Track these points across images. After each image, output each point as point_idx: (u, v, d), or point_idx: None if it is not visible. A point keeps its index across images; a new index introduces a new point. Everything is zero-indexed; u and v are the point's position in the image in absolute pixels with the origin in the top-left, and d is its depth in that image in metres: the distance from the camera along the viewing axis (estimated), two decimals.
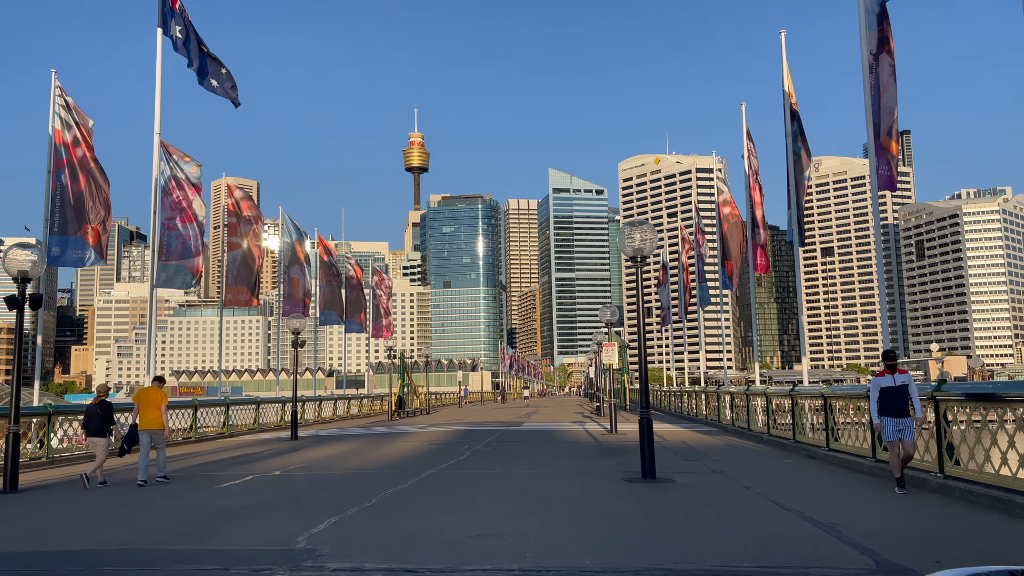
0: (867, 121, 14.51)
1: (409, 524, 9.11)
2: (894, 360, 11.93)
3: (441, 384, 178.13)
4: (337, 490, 12.77)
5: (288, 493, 12.52)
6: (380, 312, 53.14)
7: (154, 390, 14.66)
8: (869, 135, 14.65)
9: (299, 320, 28.42)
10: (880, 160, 14.20)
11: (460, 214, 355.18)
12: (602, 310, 27.15)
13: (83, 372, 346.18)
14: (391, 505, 10.72)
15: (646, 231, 13.76)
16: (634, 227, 13.83)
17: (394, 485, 13.02)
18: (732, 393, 27.60)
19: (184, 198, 24.77)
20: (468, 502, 11.00)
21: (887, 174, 13.94)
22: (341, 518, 9.63)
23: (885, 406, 11.50)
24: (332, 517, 9.68)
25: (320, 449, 22.04)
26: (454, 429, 30.27)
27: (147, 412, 14.24)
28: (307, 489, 13.03)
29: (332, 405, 44.93)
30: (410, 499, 11.35)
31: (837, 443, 16.82)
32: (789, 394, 20.20)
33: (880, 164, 14.31)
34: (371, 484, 13.39)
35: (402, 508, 10.43)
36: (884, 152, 13.90)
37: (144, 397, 14.47)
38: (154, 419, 14.23)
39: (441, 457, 18.54)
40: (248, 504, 11.26)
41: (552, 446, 21.85)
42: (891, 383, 11.63)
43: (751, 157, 25.28)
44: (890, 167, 13.96)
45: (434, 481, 13.66)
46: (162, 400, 14.47)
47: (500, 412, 50.62)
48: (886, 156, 13.92)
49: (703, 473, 14.58)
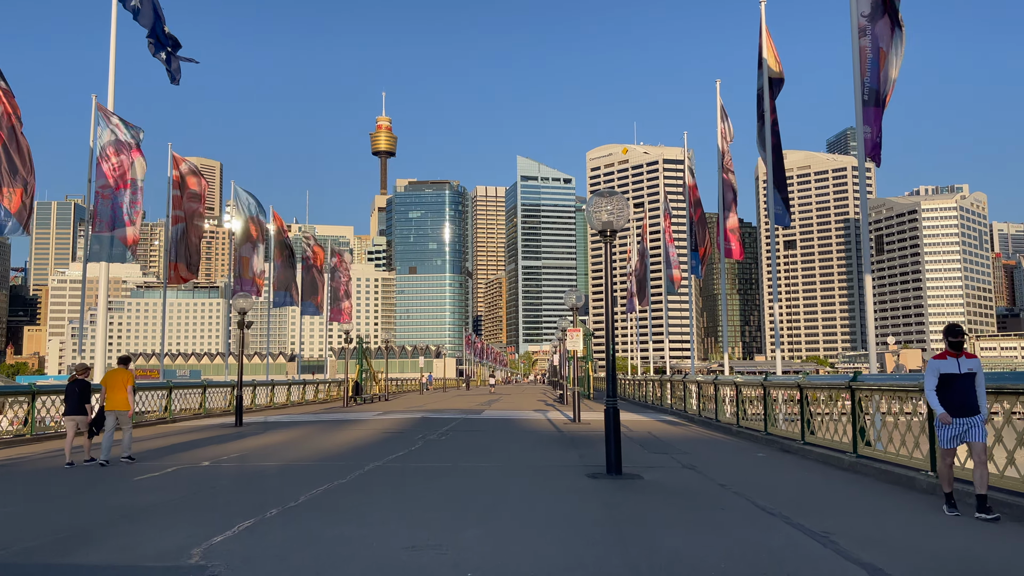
0: (855, 87, 13.40)
1: (334, 531, 7.72)
2: (960, 337, 8.54)
3: (405, 370, 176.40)
4: (264, 486, 11.33)
5: (207, 489, 11.05)
6: (339, 295, 51.35)
7: (121, 371, 14.92)
8: (857, 102, 13.54)
9: (246, 300, 26.73)
10: (875, 128, 13.03)
11: (427, 199, 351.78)
12: (567, 294, 25.91)
13: (36, 353, 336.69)
14: (320, 506, 9.32)
15: (616, 202, 12.47)
16: (603, 198, 12.54)
17: (331, 480, 11.61)
18: (699, 382, 26.60)
19: (120, 164, 22.91)
20: (410, 502, 9.64)
21: (877, 141, 12.79)
22: (256, 522, 8.20)
23: (945, 399, 8.41)
24: (246, 521, 8.25)
25: (262, 437, 20.50)
26: (410, 417, 28.87)
27: (114, 394, 14.57)
28: (231, 484, 11.56)
29: (286, 390, 43.15)
30: (344, 498, 9.95)
31: (813, 436, 15.80)
32: (761, 384, 19.17)
33: (874, 133, 13.16)
34: (305, 479, 11.97)
35: (331, 510, 9.03)
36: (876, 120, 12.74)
37: (111, 379, 14.77)
38: (121, 400, 14.55)
39: (391, 448, 17.15)
40: (156, 502, 9.78)
41: (511, 436, 20.59)
42: (955, 369, 8.40)
43: (724, 137, 24.18)
44: (877, 136, 12.81)
45: (377, 475, 12.27)
46: (128, 381, 14.72)
47: (461, 399, 49.29)
48: (879, 124, 12.77)
49: (673, 468, 13.40)
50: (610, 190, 12.58)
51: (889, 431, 12.44)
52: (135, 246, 22.17)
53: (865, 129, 13.38)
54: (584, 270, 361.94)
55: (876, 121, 13.23)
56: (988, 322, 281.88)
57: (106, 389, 14.76)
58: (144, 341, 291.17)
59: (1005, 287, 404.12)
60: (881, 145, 13.03)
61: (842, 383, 14.14)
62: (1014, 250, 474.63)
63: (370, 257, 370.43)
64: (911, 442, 11.60)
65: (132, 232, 22.18)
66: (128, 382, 14.70)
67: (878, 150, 13.01)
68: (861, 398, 13.45)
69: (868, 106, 13.48)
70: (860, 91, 13.58)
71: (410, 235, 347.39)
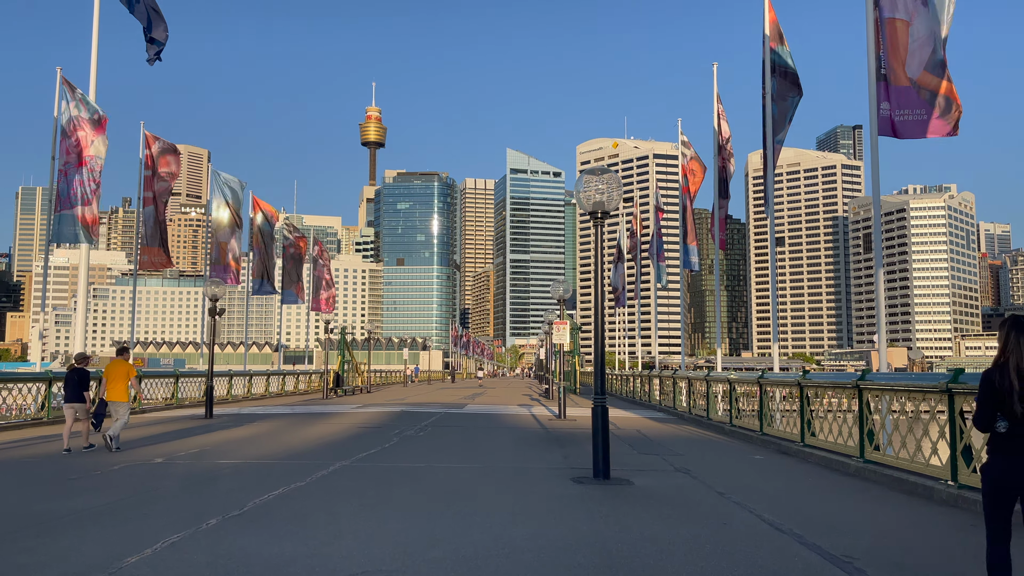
0: (868, 58, 12.32)
1: (272, 550, 6.59)
2: None
3: (392, 362, 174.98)
4: (213, 489, 10.18)
5: (148, 492, 9.88)
6: (321, 284, 50.06)
7: (121, 363, 15.04)
8: (870, 74, 12.46)
9: (217, 286, 25.48)
10: (903, 98, 11.80)
11: (416, 191, 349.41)
12: (554, 285, 24.82)
13: (18, 340, 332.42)
14: (266, 515, 8.18)
15: (608, 181, 11.36)
16: (593, 176, 11.42)
17: (289, 482, 10.48)
18: (690, 378, 25.61)
19: (79, 142, 21.59)
20: (371, 511, 8.52)
21: (923, 119, 11.56)
22: (184, 537, 7.06)
23: None
24: (174, 535, 7.11)
25: (229, 431, 19.32)
26: (389, 411, 27.73)
27: (114, 384, 14.81)
28: (177, 486, 10.40)
29: (265, 380, 41.85)
30: (297, 506, 8.81)
31: (814, 438, 14.79)
32: (757, 381, 18.16)
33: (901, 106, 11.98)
34: (261, 480, 10.83)
35: (279, 521, 7.90)
36: (922, 90, 11.54)
37: (111, 370, 14.97)
38: (120, 391, 14.78)
39: (363, 444, 16.02)
40: (82, 508, 8.61)
41: (493, 433, 19.50)
42: None
43: (721, 121, 23.10)
44: (930, 108, 11.52)
45: (341, 478, 11.15)
46: (129, 372, 14.93)
47: (445, 393, 48.18)
48: (922, 95, 11.52)
49: (665, 472, 12.35)
50: (602, 167, 11.46)
51: (903, 435, 11.43)
52: (95, 227, 20.86)
53: (882, 106, 12.27)
54: (572, 264, 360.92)
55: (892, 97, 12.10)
56: (974, 322, 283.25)
57: (106, 380, 15.02)
58: (128, 329, 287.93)
59: (991, 287, 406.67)
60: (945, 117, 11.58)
61: (848, 382, 13.13)
62: (1000, 250, 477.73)
63: (357, 248, 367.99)
64: (927, 448, 10.59)
65: (90, 212, 20.87)
66: (129, 373, 14.94)
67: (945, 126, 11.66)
68: (870, 398, 12.44)
69: (882, 81, 12.38)
70: (874, 66, 12.51)
71: (398, 226, 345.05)
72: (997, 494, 4.73)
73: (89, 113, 22.69)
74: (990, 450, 4.84)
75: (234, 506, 8.62)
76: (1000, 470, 4.71)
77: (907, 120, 11.71)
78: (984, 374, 4.86)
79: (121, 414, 14.81)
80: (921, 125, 11.67)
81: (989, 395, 4.76)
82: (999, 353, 4.84)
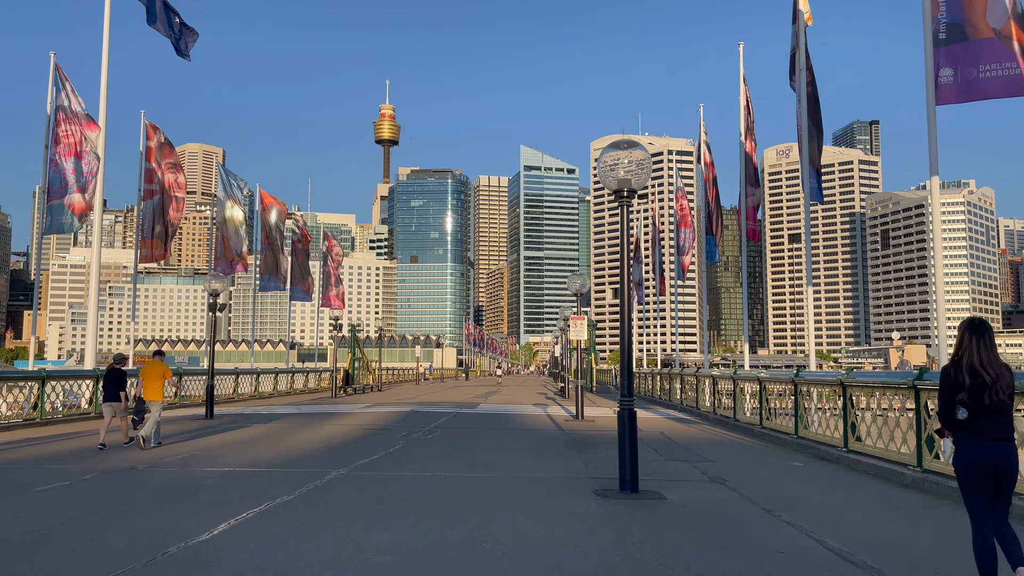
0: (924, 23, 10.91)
1: None
2: None
3: (405, 360, 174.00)
4: (188, 504, 8.97)
5: (110, 509, 8.67)
6: (331, 281, 48.98)
7: (157, 364, 15.64)
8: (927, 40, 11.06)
9: (219, 281, 24.34)
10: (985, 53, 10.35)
11: (429, 188, 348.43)
12: (571, 278, 23.52)
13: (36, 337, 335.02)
14: (235, 544, 6.92)
15: (636, 156, 10.05)
16: (620, 151, 10.11)
17: (275, 496, 9.26)
18: (715, 377, 24.24)
19: (71, 132, 20.52)
20: (361, 540, 7.24)
21: (1012, 73, 10.12)
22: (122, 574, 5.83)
23: None
24: (113, 573, 5.88)
25: (227, 434, 18.17)
26: (398, 410, 26.54)
27: (151, 384, 15.31)
28: (146, 501, 9.20)
29: (273, 379, 40.83)
30: (275, 530, 7.55)
31: (860, 443, 13.42)
32: (792, 380, 16.79)
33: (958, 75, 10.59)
34: (245, 492, 9.62)
35: (246, 551, 6.65)
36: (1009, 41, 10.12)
37: (148, 370, 15.51)
38: (156, 391, 15.29)
39: (366, 448, 14.81)
40: (19, 531, 7.41)
41: (507, 436, 18.25)
42: None
43: (747, 103, 21.69)
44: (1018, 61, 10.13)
45: (335, 490, 9.92)
46: (165, 373, 15.53)
47: (457, 391, 46.98)
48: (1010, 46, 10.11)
49: (699, 482, 11.04)
50: (628, 140, 10.14)
51: None
52: (85, 215, 19.77)
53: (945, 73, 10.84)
54: (587, 262, 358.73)
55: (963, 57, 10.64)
56: (994, 319, 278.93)
57: (143, 380, 15.51)
58: (144, 327, 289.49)
59: (1010, 283, 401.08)
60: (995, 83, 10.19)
61: (903, 382, 11.77)
62: (1020, 246, 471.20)
63: (371, 246, 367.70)
64: None
65: (81, 200, 19.79)
66: (165, 374, 15.51)
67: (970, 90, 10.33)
68: (929, 400, 11.08)
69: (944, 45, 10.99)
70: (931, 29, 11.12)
71: (412, 224, 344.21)
72: (968, 476, 5.18)
73: (82, 105, 21.67)
74: (955, 440, 5.32)
75: (203, 528, 7.39)
76: (965, 452, 5.19)
77: (992, 77, 10.29)
78: (942, 370, 5.38)
79: (154, 413, 15.22)
80: (1011, 81, 10.24)
81: (948, 389, 5.29)
82: (955, 350, 5.32)
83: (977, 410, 5.17)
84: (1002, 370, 5.22)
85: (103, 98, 24.16)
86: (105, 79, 24.23)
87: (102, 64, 24.28)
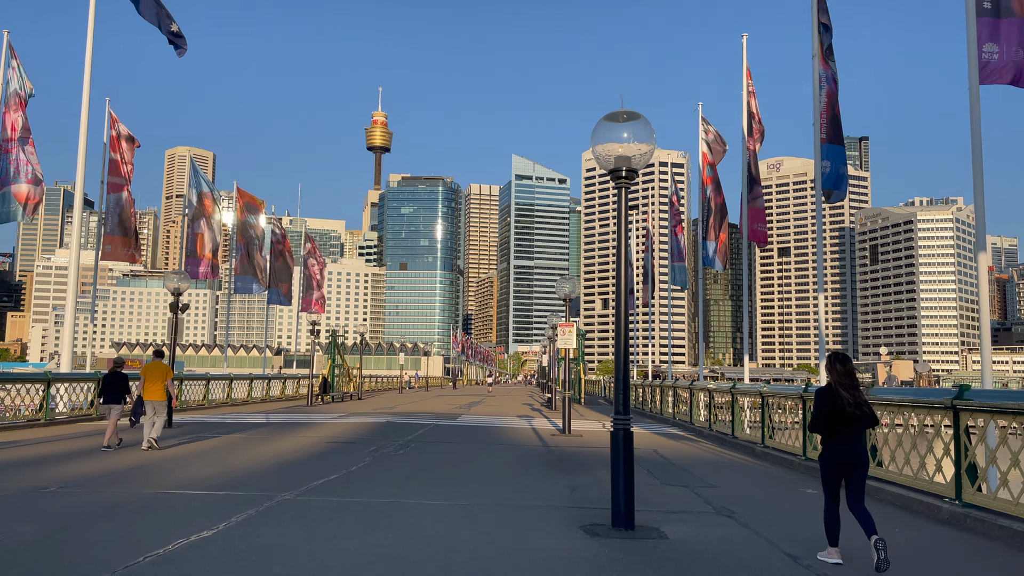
0: None
1: None
2: None
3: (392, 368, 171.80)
4: (76, 542, 7.30)
5: None
6: (312, 284, 47.22)
7: (159, 364, 15.77)
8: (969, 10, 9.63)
9: (181, 278, 22.65)
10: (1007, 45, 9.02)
11: (420, 195, 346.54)
12: (559, 282, 21.98)
13: (18, 340, 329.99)
14: None
15: (635, 129, 8.52)
16: (617, 123, 8.57)
17: (191, 531, 7.61)
18: (711, 390, 22.70)
19: (17, 117, 18.86)
20: None
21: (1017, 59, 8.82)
22: None
23: None
24: None
25: (178, 447, 16.47)
26: (373, 421, 24.86)
27: (152, 385, 15.45)
28: (29, 536, 7.49)
29: (247, 385, 39.01)
30: None
31: (881, 469, 11.90)
32: (800, 395, 15.28)
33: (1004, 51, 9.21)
34: (160, 524, 7.97)
35: None
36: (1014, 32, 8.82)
37: (150, 371, 15.60)
38: (158, 391, 15.45)
39: (325, 466, 13.17)
40: None
41: (487, 451, 16.64)
42: None
43: (751, 98, 20.27)
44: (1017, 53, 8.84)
45: (268, 521, 8.28)
46: (167, 374, 15.67)
47: (440, 401, 45.27)
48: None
49: (703, 514, 9.48)
50: (628, 111, 8.60)
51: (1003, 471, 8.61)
52: (30, 204, 18.09)
53: (989, 49, 9.41)
54: (576, 272, 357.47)
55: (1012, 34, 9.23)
56: None
57: (145, 380, 15.59)
58: (130, 330, 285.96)
59: (997, 301, 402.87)
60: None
61: (939, 401, 10.25)
62: (1007, 264, 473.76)
63: (361, 252, 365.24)
64: None
65: (29, 190, 18.10)
66: (167, 375, 15.64)
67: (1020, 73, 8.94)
68: (971, 422, 9.56)
69: (988, 16, 9.58)
70: None
71: (402, 231, 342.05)
72: (829, 468, 6.90)
73: (30, 89, 20.02)
74: (823, 442, 7.01)
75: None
76: (830, 452, 6.87)
77: None
78: (817, 392, 7.02)
79: (160, 413, 15.51)
80: None
81: (821, 405, 6.88)
82: (828, 376, 6.95)
83: (839, 421, 6.75)
84: (858, 392, 6.77)
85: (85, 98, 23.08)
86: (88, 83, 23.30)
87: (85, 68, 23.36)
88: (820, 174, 15.78)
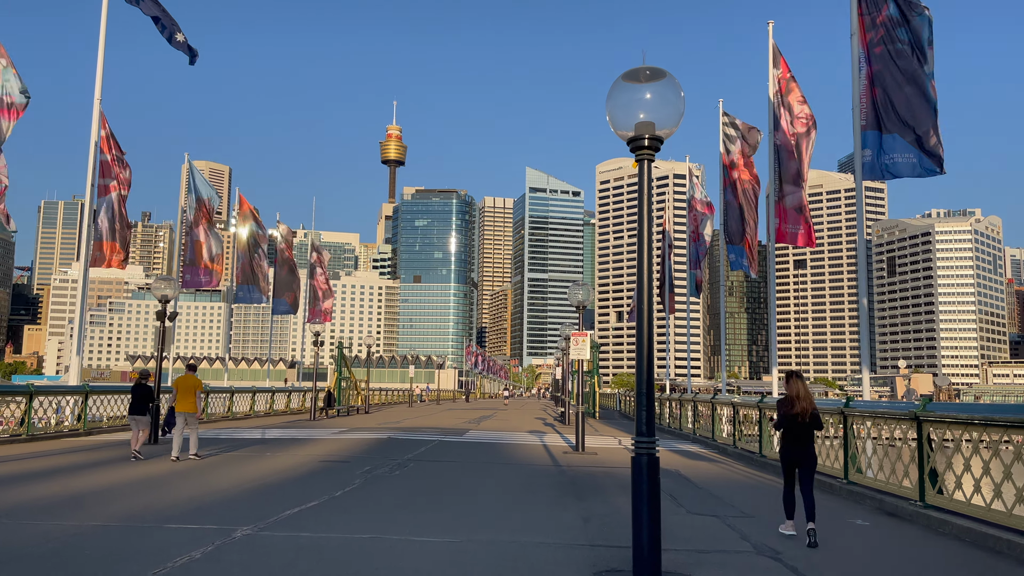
0: None
1: None
2: None
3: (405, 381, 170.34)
4: None
5: None
6: (318, 294, 45.96)
7: (190, 377, 16.00)
8: None
9: (169, 285, 21.34)
10: None
11: (434, 208, 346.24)
12: (572, 288, 20.50)
13: (35, 352, 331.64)
14: None
15: (660, 91, 7.05)
16: (639, 84, 7.10)
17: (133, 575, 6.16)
18: (735, 404, 21.05)
19: None
20: None
21: None
22: None
23: None
24: None
25: (158, 464, 15.06)
26: (374, 437, 23.37)
27: (184, 397, 15.75)
28: None
29: (250, 398, 37.69)
30: None
31: (941, 497, 10.27)
32: (840, 411, 13.66)
33: None
34: (92, 568, 6.53)
35: None
36: None
37: (182, 383, 15.89)
38: (190, 403, 15.71)
39: (307, 491, 11.69)
40: None
41: (492, 473, 15.11)
42: None
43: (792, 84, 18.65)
44: None
45: (220, 567, 6.80)
46: (197, 386, 15.89)
47: (449, 415, 43.74)
48: None
49: (740, 554, 7.92)
50: (653, 69, 7.12)
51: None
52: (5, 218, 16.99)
53: None
54: (591, 285, 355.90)
55: None
56: (1001, 348, 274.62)
57: (177, 392, 15.93)
58: (145, 344, 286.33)
59: (1017, 313, 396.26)
60: None
61: (1016, 418, 8.65)
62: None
63: (375, 265, 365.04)
64: None
65: None
66: (197, 387, 15.87)
67: None
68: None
69: None
70: None
71: (416, 244, 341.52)
72: (785, 462, 8.92)
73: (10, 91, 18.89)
74: (780, 439, 9.19)
75: None
76: (785, 449, 8.91)
77: None
78: (778, 401, 9.07)
79: (192, 426, 15.75)
80: None
81: (780, 410, 8.94)
82: (787, 388, 8.96)
83: (792, 424, 8.81)
84: (810, 402, 8.82)
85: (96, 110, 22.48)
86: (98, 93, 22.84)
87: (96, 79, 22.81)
88: (861, 163, 14.22)
